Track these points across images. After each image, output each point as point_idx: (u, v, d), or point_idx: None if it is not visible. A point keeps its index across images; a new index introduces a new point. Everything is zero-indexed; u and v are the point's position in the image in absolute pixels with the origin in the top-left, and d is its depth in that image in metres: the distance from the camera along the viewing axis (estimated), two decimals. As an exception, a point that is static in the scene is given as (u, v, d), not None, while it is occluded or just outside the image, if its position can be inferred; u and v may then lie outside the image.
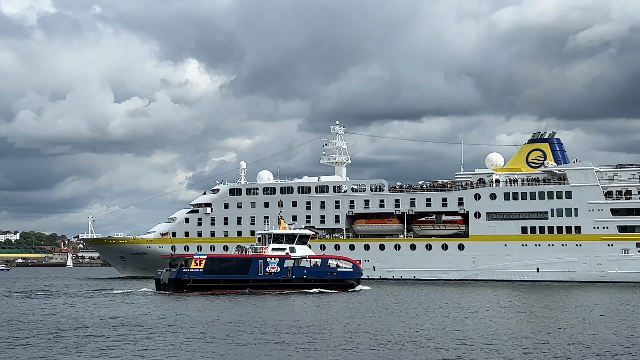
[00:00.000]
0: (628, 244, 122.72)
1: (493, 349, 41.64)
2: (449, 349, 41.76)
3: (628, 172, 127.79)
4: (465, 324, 52.92)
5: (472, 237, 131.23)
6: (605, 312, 62.88)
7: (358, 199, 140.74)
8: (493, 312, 62.67)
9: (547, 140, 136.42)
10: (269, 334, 47.66)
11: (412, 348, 42.11)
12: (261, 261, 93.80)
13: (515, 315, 60.17)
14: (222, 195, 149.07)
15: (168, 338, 46.67)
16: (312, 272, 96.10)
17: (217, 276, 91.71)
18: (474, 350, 41.38)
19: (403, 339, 44.76)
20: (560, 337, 44.96)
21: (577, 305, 71.88)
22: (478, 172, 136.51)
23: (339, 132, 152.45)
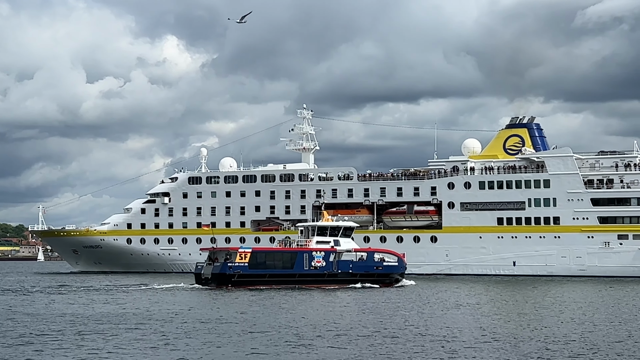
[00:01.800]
0: (609, 236, 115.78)
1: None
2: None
3: (610, 160, 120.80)
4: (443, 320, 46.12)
5: (446, 229, 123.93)
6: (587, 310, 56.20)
7: (325, 188, 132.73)
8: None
9: (526, 126, 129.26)
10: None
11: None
12: (307, 255, 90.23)
13: (488, 313, 53.50)
14: (180, 184, 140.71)
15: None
16: (358, 267, 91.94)
17: (262, 271, 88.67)
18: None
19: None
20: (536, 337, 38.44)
21: (554, 303, 64.86)
22: (452, 160, 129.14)
23: (306, 117, 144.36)
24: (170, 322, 50.35)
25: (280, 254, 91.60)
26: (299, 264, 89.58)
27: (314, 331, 44.95)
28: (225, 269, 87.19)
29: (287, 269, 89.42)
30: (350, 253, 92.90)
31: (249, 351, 38.15)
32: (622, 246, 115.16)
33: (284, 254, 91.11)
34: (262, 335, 43.82)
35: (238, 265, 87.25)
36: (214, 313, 56.59)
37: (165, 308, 61.24)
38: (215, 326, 48.29)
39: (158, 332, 44.96)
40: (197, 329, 46.66)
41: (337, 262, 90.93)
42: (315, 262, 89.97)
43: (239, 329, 46.49)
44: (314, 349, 38.53)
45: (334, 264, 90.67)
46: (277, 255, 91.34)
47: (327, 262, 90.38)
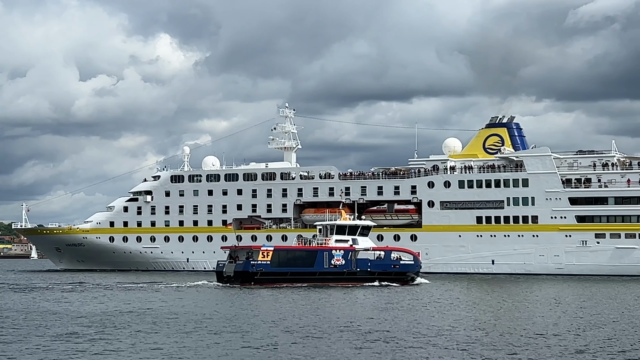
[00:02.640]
0: (586, 235, 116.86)
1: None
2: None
3: (588, 159, 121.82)
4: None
5: (425, 227, 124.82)
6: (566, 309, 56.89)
7: (306, 187, 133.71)
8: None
9: (505, 125, 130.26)
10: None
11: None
12: (326, 253, 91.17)
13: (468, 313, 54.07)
14: (163, 182, 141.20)
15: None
16: (376, 265, 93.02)
17: (284, 269, 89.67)
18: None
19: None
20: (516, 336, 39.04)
21: (533, 301, 65.60)
22: (433, 159, 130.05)
23: (288, 115, 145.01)
24: (234, 323, 50.01)
25: (301, 252, 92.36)
26: (319, 262, 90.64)
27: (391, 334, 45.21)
28: (249, 266, 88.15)
29: (308, 266, 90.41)
30: (369, 252, 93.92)
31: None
32: (599, 245, 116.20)
33: (304, 252, 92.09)
34: (330, 335, 43.99)
35: (261, 263, 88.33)
36: (271, 313, 56.65)
37: (211, 306, 61.38)
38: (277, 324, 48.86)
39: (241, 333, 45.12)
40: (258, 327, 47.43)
41: (356, 261, 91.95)
42: (335, 261, 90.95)
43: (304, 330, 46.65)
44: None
45: (353, 262, 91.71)
46: (299, 253, 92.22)
47: (346, 261, 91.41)
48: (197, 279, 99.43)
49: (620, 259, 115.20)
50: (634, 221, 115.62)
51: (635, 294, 77.18)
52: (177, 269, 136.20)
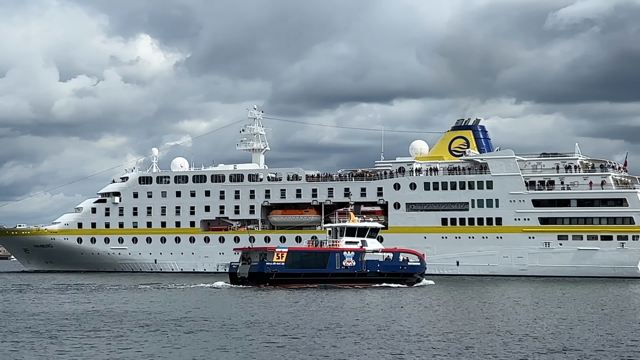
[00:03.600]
0: (549, 237, 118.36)
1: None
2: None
3: (552, 162, 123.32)
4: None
5: (391, 229, 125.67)
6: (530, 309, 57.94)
7: (274, 189, 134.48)
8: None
9: (471, 128, 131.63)
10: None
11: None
12: (338, 255, 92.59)
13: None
14: (131, 183, 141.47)
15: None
16: (385, 266, 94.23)
17: (298, 270, 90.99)
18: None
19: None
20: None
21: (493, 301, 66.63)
22: (399, 161, 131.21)
23: (257, 117, 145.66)
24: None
25: (314, 253, 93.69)
26: (331, 264, 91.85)
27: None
28: (264, 268, 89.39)
29: (320, 268, 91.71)
30: (378, 253, 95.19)
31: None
32: (561, 247, 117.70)
33: (317, 254, 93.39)
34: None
35: (275, 264, 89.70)
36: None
37: (246, 309, 61.39)
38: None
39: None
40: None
41: (367, 262, 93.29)
42: (346, 262, 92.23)
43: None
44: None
45: (363, 264, 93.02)
46: (312, 255, 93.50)
47: (357, 262, 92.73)
48: (205, 280, 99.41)
49: (582, 260, 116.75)
50: (595, 223, 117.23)
51: (598, 295, 78.41)
52: (144, 270, 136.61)
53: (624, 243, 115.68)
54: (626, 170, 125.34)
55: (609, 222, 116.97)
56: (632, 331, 47.26)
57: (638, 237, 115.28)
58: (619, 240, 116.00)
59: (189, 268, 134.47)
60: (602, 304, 67.25)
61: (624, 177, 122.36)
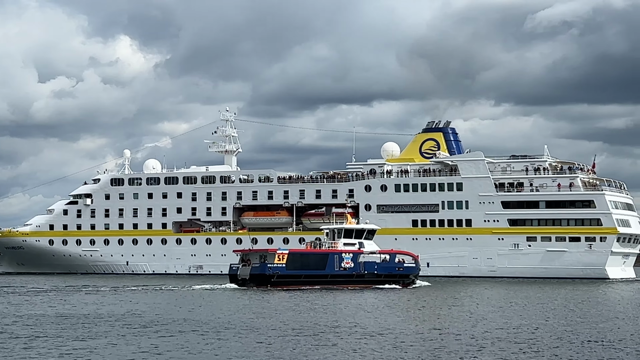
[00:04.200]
0: (518, 238, 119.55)
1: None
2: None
3: (521, 164, 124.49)
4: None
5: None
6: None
7: (246, 190, 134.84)
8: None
9: (441, 130, 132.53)
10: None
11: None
12: (337, 256, 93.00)
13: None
14: (103, 185, 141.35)
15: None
16: (382, 268, 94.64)
17: (299, 271, 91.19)
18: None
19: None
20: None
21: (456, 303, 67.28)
22: (370, 163, 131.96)
23: (229, 119, 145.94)
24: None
25: (313, 255, 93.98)
26: (330, 265, 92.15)
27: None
28: (265, 269, 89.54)
29: (320, 269, 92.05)
30: (375, 254, 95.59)
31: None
32: (530, 248, 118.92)
33: (317, 256, 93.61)
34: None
35: (277, 266, 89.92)
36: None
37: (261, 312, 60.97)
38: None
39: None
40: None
41: (364, 264, 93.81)
42: (344, 264, 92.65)
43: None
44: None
45: (361, 265, 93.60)
46: (311, 256, 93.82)
47: (355, 263, 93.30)
48: (201, 282, 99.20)
49: (550, 261, 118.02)
50: (564, 225, 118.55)
51: (569, 296, 79.27)
52: (116, 272, 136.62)
53: (591, 244, 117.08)
54: (595, 173, 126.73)
55: (577, 223, 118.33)
56: (599, 331, 47.99)
57: (605, 239, 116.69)
58: (586, 241, 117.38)
59: (160, 270, 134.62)
60: (570, 306, 68.03)
61: (592, 179, 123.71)
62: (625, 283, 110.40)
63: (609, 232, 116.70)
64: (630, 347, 41.09)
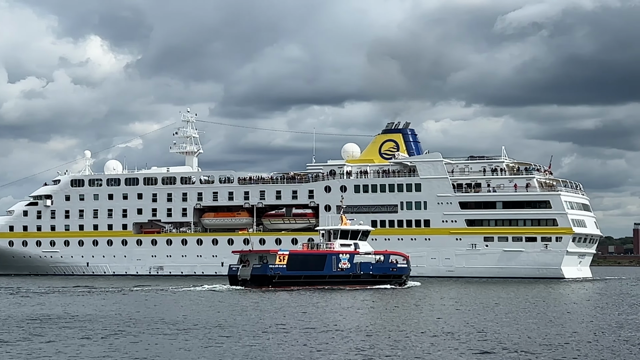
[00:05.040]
0: (476, 238, 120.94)
1: None
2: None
3: (479, 165, 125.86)
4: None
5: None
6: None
7: (206, 191, 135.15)
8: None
9: (401, 131, 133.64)
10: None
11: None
12: (334, 257, 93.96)
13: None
14: (63, 186, 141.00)
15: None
16: (377, 268, 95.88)
17: (298, 272, 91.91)
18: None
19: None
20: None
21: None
22: (330, 164, 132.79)
23: (190, 120, 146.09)
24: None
25: (312, 256, 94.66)
26: (328, 266, 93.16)
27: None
28: (267, 270, 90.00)
29: (318, 270, 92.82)
30: (370, 255, 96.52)
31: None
32: (487, 248, 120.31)
33: (316, 257, 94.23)
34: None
35: (278, 267, 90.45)
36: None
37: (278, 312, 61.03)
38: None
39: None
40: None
41: (360, 264, 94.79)
42: (341, 264, 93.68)
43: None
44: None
45: (357, 266, 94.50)
46: (310, 257, 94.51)
47: (351, 264, 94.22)
48: (196, 283, 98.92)
49: (507, 261, 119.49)
50: (520, 225, 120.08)
51: (526, 295, 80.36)
52: (76, 273, 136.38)
53: (547, 244, 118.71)
54: (551, 173, 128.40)
55: (534, 224, 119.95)
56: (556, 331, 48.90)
57: (561, 239, 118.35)
58: (542, 241, 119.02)
59: (121, 271, 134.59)
60: (528, 305, 69.03)
61: (548, 179, 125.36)
62: (579, 282, 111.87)
63: (565, 232, 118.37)
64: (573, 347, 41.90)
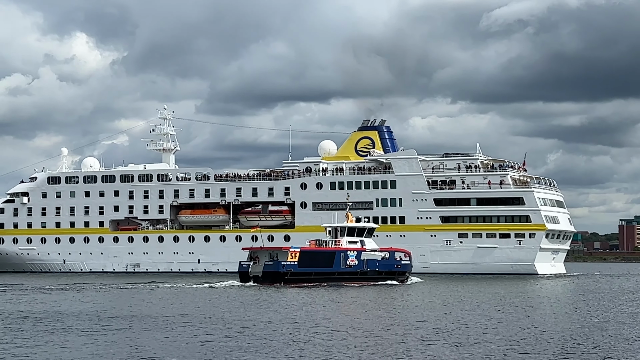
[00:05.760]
0: (450, 235, 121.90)
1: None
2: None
3: (453, 162, 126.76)
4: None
5: (298, 228, 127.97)
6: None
7: (183, 188, 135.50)
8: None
9: (376, 128, 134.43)
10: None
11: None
12: (343, 254, 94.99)
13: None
14: (39, 183, 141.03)
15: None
16: (383, 265, 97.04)
17: (309, 269, 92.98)
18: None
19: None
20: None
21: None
22: (306, 161, 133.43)
23: (167, 117, 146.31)
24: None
25: (322, 253, 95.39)
26: (337, 263, 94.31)
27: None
28: (279, 267, 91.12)
29: (328, 267, 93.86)
30: (376, 252, 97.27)
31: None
32: (462, 244, 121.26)
33: (325, 254, 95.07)
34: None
35: (290, 263, 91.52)
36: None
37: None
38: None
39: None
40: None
41: (367, 261, 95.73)
42: (349, 261, 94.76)
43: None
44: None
45: (364, 263, 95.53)
46: (320, 254, 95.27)
47: (358, 261, 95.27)
48: (207, 280, 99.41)
49: (481, 257, 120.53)
50: (494, 221, 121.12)
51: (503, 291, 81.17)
52: (53, 270, 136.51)
53: (521, 241, 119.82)
54: (525, 170, 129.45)
55: (507, 220, 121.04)
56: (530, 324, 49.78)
57: (534, 235, 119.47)
58: (516, 238, 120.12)
59: (97, 268, 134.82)
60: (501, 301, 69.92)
61: (522, 176, 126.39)
62: (551, 279, 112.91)
63: (538, 229, 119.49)
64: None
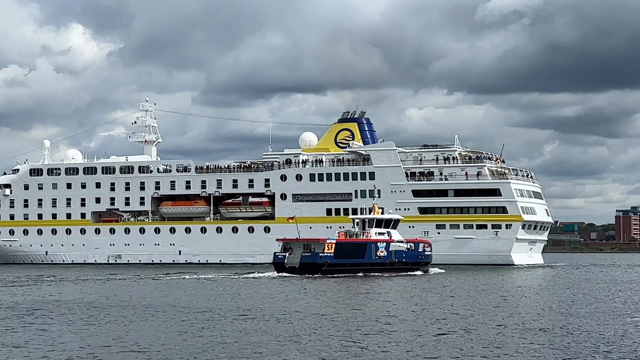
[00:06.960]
0: (428, 226, 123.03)
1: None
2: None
3: (432, 153, 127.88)
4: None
5: (278, 220, 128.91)
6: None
7: (164, 180, 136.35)
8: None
9: (356, 120, 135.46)
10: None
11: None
12: (373, 245, 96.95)
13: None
14: (21, 175, 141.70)
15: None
16: (409, 256, 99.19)
17: (344, 260, 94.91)
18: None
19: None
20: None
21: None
22: (286, 152, 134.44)
23: (149, 109, 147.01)
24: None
25: (354, 244, 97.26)
26: (368, 254, 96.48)
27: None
28: (317, 258, 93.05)
29: (360, 258, 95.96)
30: (403, 243, 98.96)
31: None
32: (439, 235, 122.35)
33: (358, 245, 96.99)
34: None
35: (327, 255, 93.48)
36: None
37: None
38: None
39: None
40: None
41: (395, 252, 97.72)
42: (379, 252, 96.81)
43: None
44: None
45: (392, 254, 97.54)
46: (353, 245, 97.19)
47: (387, 252, 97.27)
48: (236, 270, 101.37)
49: (459, 248, 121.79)
50: (472, 212, 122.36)
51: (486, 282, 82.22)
52: (35, 261, 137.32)
53: (497, 232, 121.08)
54: (503, 162, 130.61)
55: (484, 211, 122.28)
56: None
57: (511, 226, 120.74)
58: (493, 229, 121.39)
59: (79, 259, 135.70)
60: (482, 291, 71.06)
61: (500, 168, 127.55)
62: (527, 269, 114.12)
63: (514, 220, 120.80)
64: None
